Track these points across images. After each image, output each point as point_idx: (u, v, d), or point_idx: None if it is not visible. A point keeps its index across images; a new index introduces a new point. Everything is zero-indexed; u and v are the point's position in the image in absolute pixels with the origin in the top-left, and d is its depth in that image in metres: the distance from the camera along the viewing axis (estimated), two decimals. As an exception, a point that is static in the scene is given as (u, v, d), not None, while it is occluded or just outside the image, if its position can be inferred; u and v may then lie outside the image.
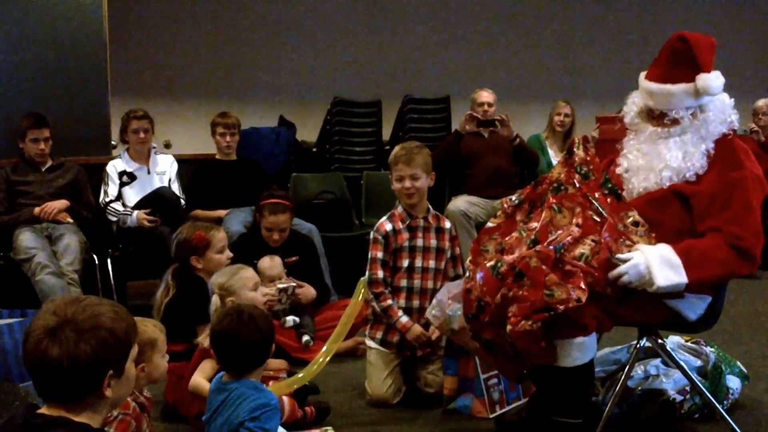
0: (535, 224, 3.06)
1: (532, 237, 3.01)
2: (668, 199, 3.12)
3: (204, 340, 3.42)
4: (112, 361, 1.92)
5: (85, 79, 6.07)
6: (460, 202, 6.26)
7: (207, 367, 3.38)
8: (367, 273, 3.91)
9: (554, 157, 7.09)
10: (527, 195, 3.26)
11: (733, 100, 3.21)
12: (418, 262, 3.93)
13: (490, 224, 3.29)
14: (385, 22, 7.97)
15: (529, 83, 8.41)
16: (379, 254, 3.89)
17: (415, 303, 3.92)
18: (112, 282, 5.47)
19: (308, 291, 4.80)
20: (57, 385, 1.88)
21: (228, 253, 4.24)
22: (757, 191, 3.10)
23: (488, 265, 2.96)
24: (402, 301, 3.90)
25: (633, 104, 3.31)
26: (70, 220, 5.30)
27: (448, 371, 3.82)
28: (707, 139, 3.13)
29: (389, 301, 3.87)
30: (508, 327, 2.85)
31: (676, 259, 2.93)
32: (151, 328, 2.83)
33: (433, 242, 3.95)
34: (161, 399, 3.70)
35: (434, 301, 3.41)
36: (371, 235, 3.96)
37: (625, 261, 2.92)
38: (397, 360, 3.92)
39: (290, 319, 4.60)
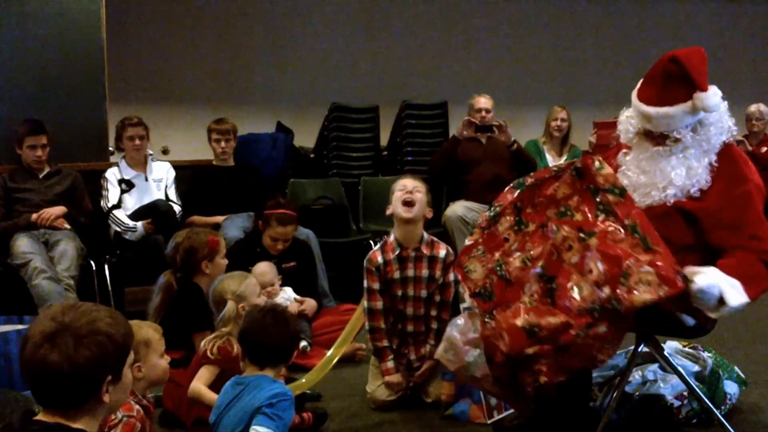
0: (538, 250, 2.93)
1: (545, 275, 2.88)
2: (672, 215, 3.08)
3: (207, 344, 3.43)
4: (111, 366, 1.92)
5: (82, 86, 6.06)
6: (458, 208, 6.26)
7: (206, 373, 3.39)
8: (366, 303, 3.94)
9: (552, 162, 7.09)
10: (506, 206, 3.13)
11: (725, 103, 3.18)
12: (410, 292, 3.95)
13: (467, 242, 3.19)
14: (383, 28, 7.98)
15: (526, 89, 8.42)
16: (376, 285, 3.91)
17: (409, 328, 4.00)
18: (110, 288, 5.46)
19: (310, 306, 4.82)
20: (56, 391, 1.88)
21: (225, 260, 4.27)
22: (761, 199, 3.10)
23: (518, 324, 2.79)
24: (396, 325, 3.98)
25: (629, 125, 3.22)
26: (68, 226, 5.30)
27: (445, 377, 3.82)
28: (710, 152, 3.10)
29: (385, 342, 3.92)
30: (542, 379, 2.78)
31: (734, 280, 2.88)
32: (145, 329, 2.86)
33: (425, 272, 3.94)
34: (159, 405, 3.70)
35: (445, 342, 3.25)
36: (365, 265, 3.95)
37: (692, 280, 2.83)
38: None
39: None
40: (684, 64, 3.05)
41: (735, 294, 2.83)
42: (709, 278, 2.80)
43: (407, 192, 3.87)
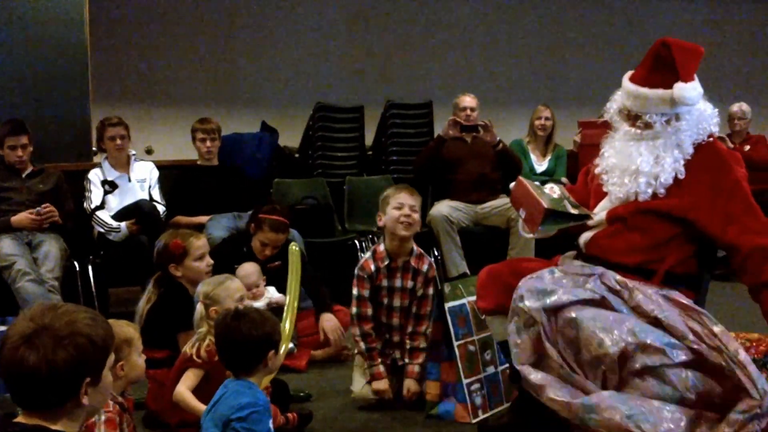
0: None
1: None
2: (652, 214, 3.12)
3: (192, 347, 3.41)
4: (90, 368, 1.90)
5: (66, 86, 6.04)
6: (443, 207, 6.26)
7: (191, 376, 3.36)
8: (354, 309, 3.97)
9: (536, 161, 7.11)
10: None
11: (716, 110, 3.20)
12: (396, 302, 3.99)
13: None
14: (367, 28, 7.98)
15: (510, 88, 8.44)
16: (366, 292, 3.94)
17: (396, 338, 4.03)
18: (93, 289, 5.43)
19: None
20: (34, 393, 1.86)
21: (208, 260, 4.20)
22: (748, 189, 3.13)
23: None
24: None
25: (614, 101, 3.30)
26: (60, 221, 5.28)
27: (430, 376, 3.82)
28: (682, 146, 3.13)
29: (374, 344, 3.95)
30: None
31: None
32: (125, 327, 2.85)
33: (410, 283, 3.98)
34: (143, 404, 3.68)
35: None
36: (356, 272, 3.98)
37: None
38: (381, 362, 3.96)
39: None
40: (673, 51, 3.10)
41: None
42: None
43: (406, 214, 3.88)
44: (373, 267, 3.95)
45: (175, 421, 3.44)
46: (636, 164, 3.13)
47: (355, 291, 3.96)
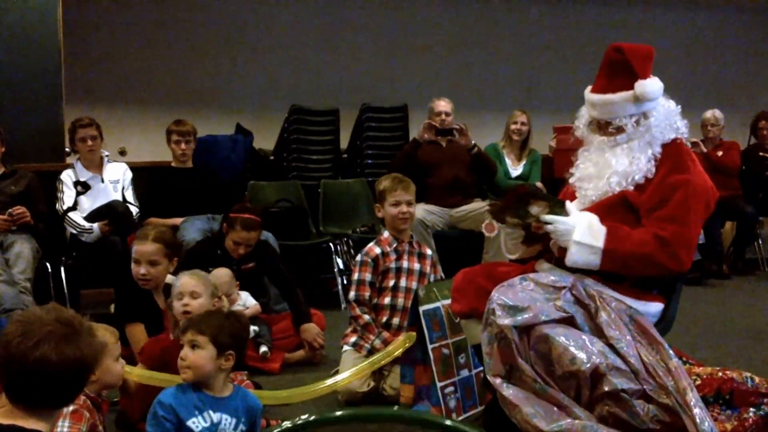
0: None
1: None
2: (618, 206, 3.15)
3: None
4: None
5: (38, 87, 6.02)
6: (418, 211, 6.23)
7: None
8: (352, 293, 4.14)
9: (511, 166, 7.14)
10: None
11: (679, 107, 3.25)
12: (403, 282, 4.17)
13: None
14: (343, 31, 7.98)
15: (486, 93, 8.47)
16: (368, 276, 4.14)
17: (395, 321, 4.15)
18: (65, 290, 5.40)
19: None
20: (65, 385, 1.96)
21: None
22: (700, 198, 3.10)
23: None
24: (384, 318, 4.13)
25: (582, 117, 3.35)
26: (31, 221, 5.24)
27: (404, 379, 3.82)
28: (653, 144, 3.17)
29: (366, 317, 4.09)
30: None
31: (600, 227, 3.03)
32: (101, 331, 2.81)
33: (416, 265, 4.22)
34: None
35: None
36: (359, 258, 4.18)
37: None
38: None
39: (251, 330, 4.55)
40: (626, 53, 3.18)
41: (584, 234, 3.01)
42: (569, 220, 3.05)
43: (404, 211, 4.16)
44: (378, 250, 4.16)
45: (137, 417, 3.41)
46: (612, 167, 3.17)
47: (355, 276, 4.16)
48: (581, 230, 3.02)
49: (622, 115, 3.19)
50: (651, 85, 3.16)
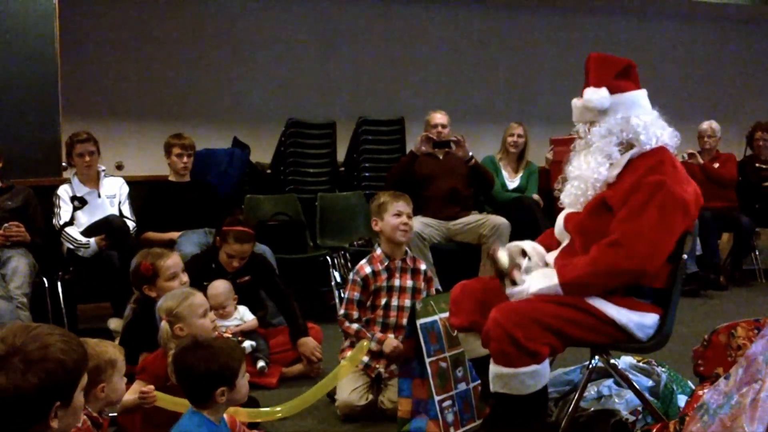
0: None
1: None
2: (600, 207, 3.18)
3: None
4: (60, 393, 1.88)
5: (35, 101, 6.01)
6: (416, 224, 6.22)
7: (136, 387, 3.30)
8: (342, 310, 4.16)
9: (508, 178, 7.15)
10: None
11: (656, 112, 3.29)
12: (394, 301, 4.16)
13: None
14: (339, 45, 7.99)
15: (482, 105, 8.47)
16: (356, 295, 4.12)
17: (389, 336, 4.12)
18: (62, 305, 5.38)
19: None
20: (2, 415, 1.84)
21: (182, 278, 4.17)
22: (667, 198, 3.06)
23: None
24: (377, 336, 4.10)
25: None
26: (29, 237, 5.23)
27: (402, 393, 3.81)
28: (602, 150, 3.21)
29: (354, 326, 4.09)
30: None
31: (551, 271, 3.12)
32: (111, 349, 2.80)
33: (409, 282, 4.20)
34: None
35: None
36: (350, 277, 4.19)
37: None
38: (364, 375, 4.05)
39: (248, 345, 4.55)
40: (590, 61, 3.30)
41: (540, 282, 3.10)
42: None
43: (404, 222, 4.13)
44: (368, 270, 4.13)
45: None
46: (580, 170, 3.26)
47: (345, 294, 4.17)
48: (535, 283, 3.12)
49: (579, 121, 3.33)
50: (592, 94, 3.23)
